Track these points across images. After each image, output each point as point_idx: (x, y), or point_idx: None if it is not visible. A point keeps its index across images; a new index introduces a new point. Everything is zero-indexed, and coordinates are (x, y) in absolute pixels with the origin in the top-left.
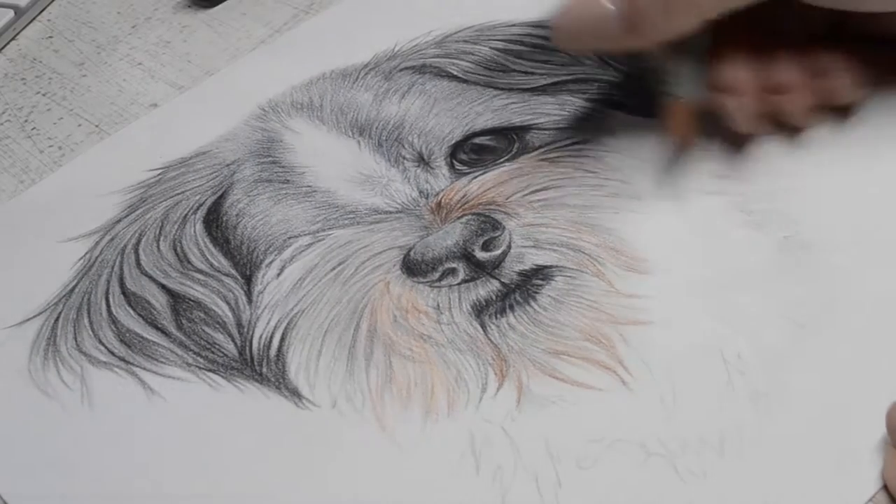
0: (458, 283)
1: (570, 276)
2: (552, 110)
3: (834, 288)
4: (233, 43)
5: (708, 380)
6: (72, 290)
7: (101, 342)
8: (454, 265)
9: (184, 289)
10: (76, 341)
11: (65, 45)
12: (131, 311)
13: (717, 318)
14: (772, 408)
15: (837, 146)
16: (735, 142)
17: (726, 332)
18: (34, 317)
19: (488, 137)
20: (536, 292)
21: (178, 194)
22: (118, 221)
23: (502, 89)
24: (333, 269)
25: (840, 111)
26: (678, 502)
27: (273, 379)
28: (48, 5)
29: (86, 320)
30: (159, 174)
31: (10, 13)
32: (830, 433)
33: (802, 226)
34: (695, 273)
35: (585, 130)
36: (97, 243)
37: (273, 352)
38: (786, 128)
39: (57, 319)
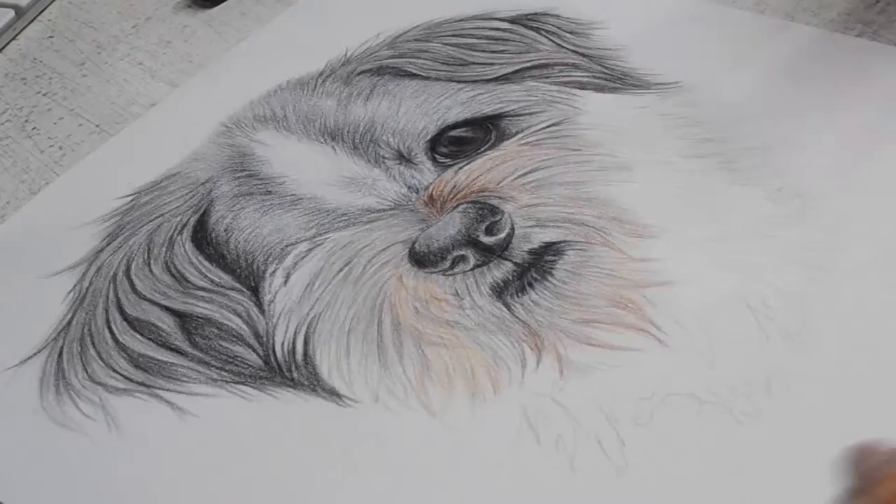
0: (472, 269)
1: (580, 249)
2: (520, 97)
3: (835, 228)
4: (233, 43)
5: (739, 328)
6: (69, 323)
7: (114, 370)
8: (463, 252)
9: (189, 307)
10: (87, 373)
11: (65, 44)
12: (139, 336)
13: (733, 271)
14: (806, 345)
15: (808, 103)
16: None
17: (745, 282)
18: (35, 354)
19: (463, 129)
20: (552, 268)
21: (158, 217)
22: (101, 251)
23: (465, 82)
24: (341, 269)
25: None
26: (738, 443)
27: (307, 382)
28: (49, 5)
29: (92, 351)
30: (132, 200)
31: (11, 13)
32: (866, 362)
33: (791, 176)
34: (700, 232)
35: (558, 112)
36: (84, 274)
37: (299, 357)
38: None
39: (60, 354)
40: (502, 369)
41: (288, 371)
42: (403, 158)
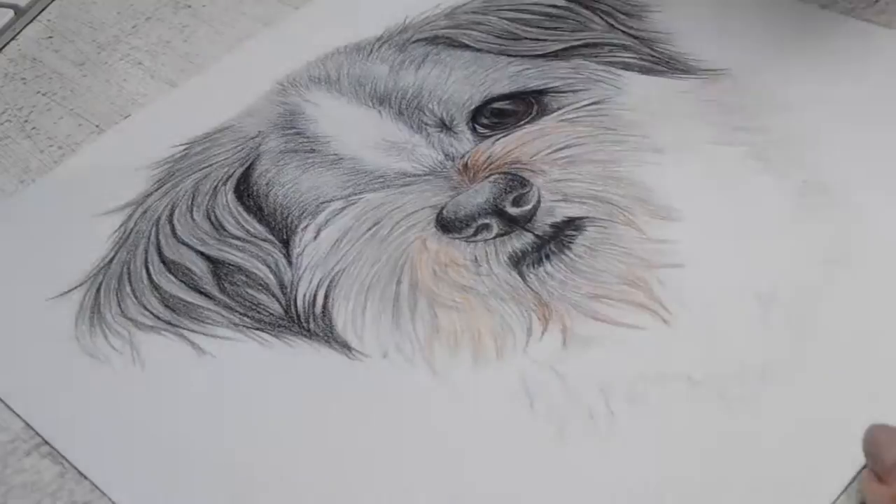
0: (493, 238)
1: (601, 226)
2: (566, 74)
3: (857, 225)
4: (233, 43)
5: (744, 315)
6: (111, 261)
7: (145, 308)
8: (487, 221)
9: (223, 254)
10: (120, 308)
11: (65, 44)
12: (172, 278)
13: (747, 258)
14: (807, 338)
15: (847, 98)
16: None
17: (757, 271)
18: (76, 287)
19: (507, 102)
20: (571, 242)
21: (206, 167)
22: (149, 195)
23: (515, 56)
24: (369, 229)
25: None
26: (725, 425)
27: (321, 334)
28: (48, 5)
29: (128, 288)
30: (185, 149)
31: (10, 13)
32: (866, 360)
33: (819, 170)
34: (720, 218)
35: (601, 91)
36: (131, 216)
37: (318, 309)
38: None
39: (98, 289)
40: (508, 335)
41: (306, 321)
42: (445, 127)
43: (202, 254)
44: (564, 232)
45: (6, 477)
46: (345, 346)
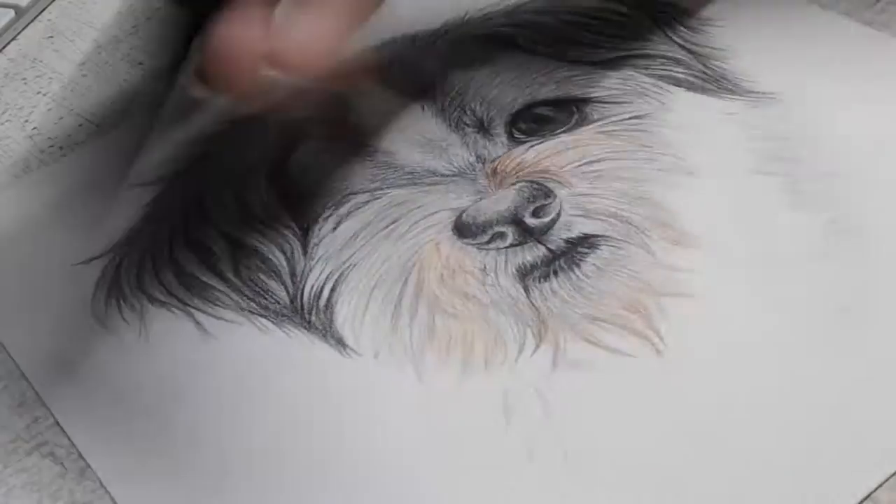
0: (506, 247)
1: (615, 247)
2: (614, 84)
3: (878, 273)
4: None
5: (742, 355)
6: (138, 233)
7: (161, 283)
8: (504, 229)
9: (244, 237)
10: (138, 281)
11: (65, 44)
12: (193, 256)
13: (759, 297)
14: (803, 391)
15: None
16: None
17: (767, 310)
18: (101, 255)
19: (549, 108)
20: (581, 260)
21: (245, 147)
22: (186, 170)
23: (567, 61)
24: (387, 226)
25: None
26: (701, 466)
27: (320, 327)
28: (49, 5)
29: (149, 263)
30: (228, 128)
31: (11, 13)
32: (872, 415)
33: (849, 210)
34: (739, 251)
35: (644, 105)
36: (163, 191)
37: (323, 302)
38: None
39: (121, 260)
40: (499, 348)
41: (308, 313)
42: (482, 128)
43: (226, 235)
44: (577, 248)
45: (6, 477)
46: (340, 343)
